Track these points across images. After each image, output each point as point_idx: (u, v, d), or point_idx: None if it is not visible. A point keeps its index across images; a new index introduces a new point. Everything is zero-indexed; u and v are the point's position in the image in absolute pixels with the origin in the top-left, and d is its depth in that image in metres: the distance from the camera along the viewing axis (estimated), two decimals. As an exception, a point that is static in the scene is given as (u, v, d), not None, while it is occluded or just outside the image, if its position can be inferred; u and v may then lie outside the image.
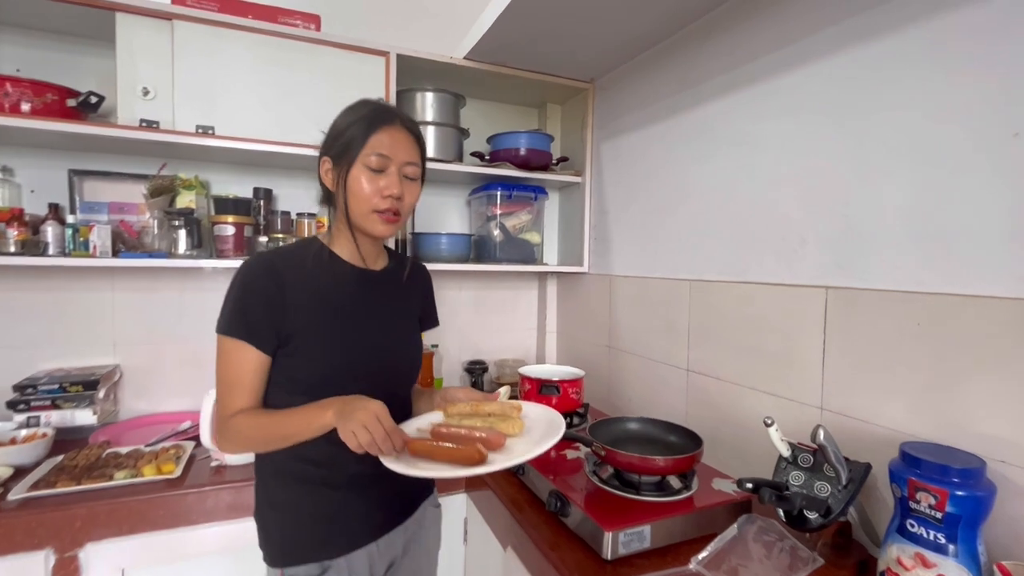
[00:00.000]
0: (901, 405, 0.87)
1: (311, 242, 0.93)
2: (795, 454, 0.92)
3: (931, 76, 0.83)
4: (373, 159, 0.85)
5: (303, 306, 0.85)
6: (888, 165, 0.89)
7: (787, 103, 1.07)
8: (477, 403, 0.95)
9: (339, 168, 0.87)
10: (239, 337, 0.82)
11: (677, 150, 1.39)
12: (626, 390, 1.59)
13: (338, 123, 0.89)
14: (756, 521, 0.88)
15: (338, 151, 0.87)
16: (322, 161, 0.90)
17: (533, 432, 0.88)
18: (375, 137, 0.85)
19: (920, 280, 0.84)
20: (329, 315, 0.88)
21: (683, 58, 1.36)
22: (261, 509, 0.92)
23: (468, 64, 1.57)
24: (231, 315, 0.83)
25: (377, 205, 0.86)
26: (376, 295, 0.95)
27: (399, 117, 0.89)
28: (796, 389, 1.05)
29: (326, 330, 0.87)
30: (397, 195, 0.86)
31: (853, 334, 0.94)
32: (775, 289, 1.10)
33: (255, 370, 0.84)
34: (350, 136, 0.85)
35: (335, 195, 0.89)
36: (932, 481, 0.72)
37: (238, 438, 0.83)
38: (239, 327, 0.83)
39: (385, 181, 0.86)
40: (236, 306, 0.83)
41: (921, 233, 0.85)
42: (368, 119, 0.86)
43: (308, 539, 0.88)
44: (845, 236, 0.96)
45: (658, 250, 1.46)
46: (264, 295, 0.83)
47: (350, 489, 0.89)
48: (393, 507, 0.96)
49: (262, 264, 0.86)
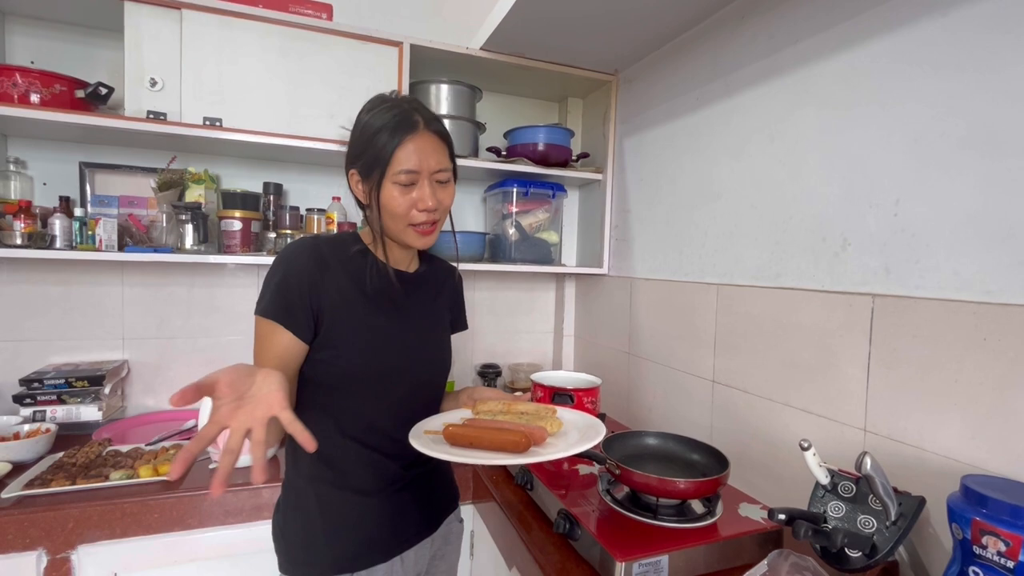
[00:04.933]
0: (960, 431, 0.76)
1: (351, 236, 0.91)
2: (835, 482, 0.82)
3: (1001, 52, 0.72)
4: (402, 176, 0.81)
5: (342, 297, 0.83)
6: (950, 157, 0.78)
7: (831, 90, 0.97)
8: (510, 402, 0.92)
9: (368, 183, 0.83)
10: (276, 320, 0.78)
11: (706, 144, 1.29)
12: (646, 400, 1.50)
13: (360, 133, 0.84)
14: (789, 557, 0.78)
15: (365, 166, 0.83)
16: (350, 174, 0.87)
17: (569, 436, 0.85)
18: (400, 152, 0.80)
19: (988, 289, 0.73)
20: (366, 311, 0.85)
21: (715, 45, 1.26)
22: (284, 513, 0.88)
23: (484, 55, 1.50)
24: (271, 296, 0.80)
25: (413, 219, 0.83)
26: (411, 297, 0.93)
27: (422, 120, 0.82)
28: (836, 408, 0.94)
29: (361, 325, 0.84)
30: (432, 208, 0.83)
31: (904, 348, 0.84)
32: (813, 296, 0.99)
33: (288, 356, 0.80)
34: (375, 151, 0.81)
35: (369, 208, 0.86)
36: (1003, 524, 0.62)
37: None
38: (278, 309, 0.79)
39: (418, 193, 0.82)
40: (276, 287, 0.80)
41: (990, 235, 0.74)
42: (391, 131, 0.80)
43: (333, 548, 0.84)
44: (896, 238, 0.86)
45: (683, 252, 1.37)
46: (307, 278, 0.80)
47: (381, 496, 0.87)
48: (421, 519, 0.93)
49: (307, 247, 0.84)
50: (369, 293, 0.86)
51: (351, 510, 0.85)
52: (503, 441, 0.77)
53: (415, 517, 0.91)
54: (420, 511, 0.92)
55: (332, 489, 0.85)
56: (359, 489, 0.86)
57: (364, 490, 0.86)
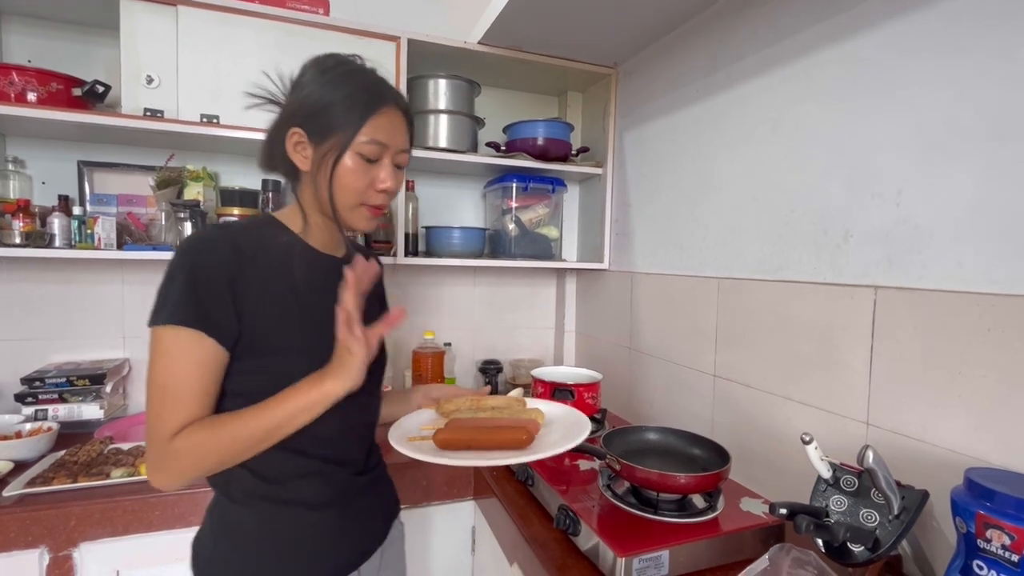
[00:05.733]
0: (963, 423, 0.75)
1: (267, 220, 0.79)
2: (837, 475, 0.82)
3: (1007, 37, 0.71)
4: (371, 148, 0.72)
5: (269, 293, 0.71)
6: (954, 146, 0.77)
7: (833, 80, 0.96)
8: (477, 398, 0.89)
9: (321, 149, 0.73)
10: (192, 326, 0.65)
11: (706, 137, 1.28)
12: (648, 395, 1.49)
13: (318, 89, 0.73)
14: (791, 551, 0.77)
15: (320, 129, 0.72)
16: (291, 133, 0.73)
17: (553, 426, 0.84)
18: (374, 121, 0.72)
19: (993, 279, 0.72)
20: (300, 307, 0.74)
21: (715, 35, 1.25)
22: (214, 544, 0.75)
23: (483, 49, 1.49)
24: (180, 299, 0.65)
25: (369, 199, 0.75)
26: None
27: (395, 96, 0.77)
28: (838, 401, 0.93)
29: (297, 325, 0.73)
30: (394, 190, 0.76)
31: (907, 340, 0.83)
32: (815, 288, 0.98)
33: (210, 370, 0.67)
34: (340, 114, 0.71)
35: (314, 180, 0.75)
36: (1008, 517, 0.61)
37: (191, 457, 0.65)
38: (192, 314, 0.65)
39: (382, 173, 0.75)
40: (186, 288, 0.65)
41: (994, 224, 0.72)
42: (365, 98, 0.72)
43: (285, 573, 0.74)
44: (898, 229, 0.85)
45: (684, 245, 1.36)
46: (224, 273, 0.67)
47: (338, 507, 0.78)
48: (377, 527, 0.86)
49: (218, 237, 0.70)
50: (301, 287, 0.74)
51: (304, 527, 0.75)
52: (504, 439, 0.76)
53: (372, 526, 0.85)
54: (375, 519, 0.86)
55: (279, 507, 0.73)
56: (312, 503, 0.75)
57: (317, 503, 0.75)
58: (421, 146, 1.52)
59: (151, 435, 0.66)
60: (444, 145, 1.53)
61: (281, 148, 0.75)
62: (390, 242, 1.55)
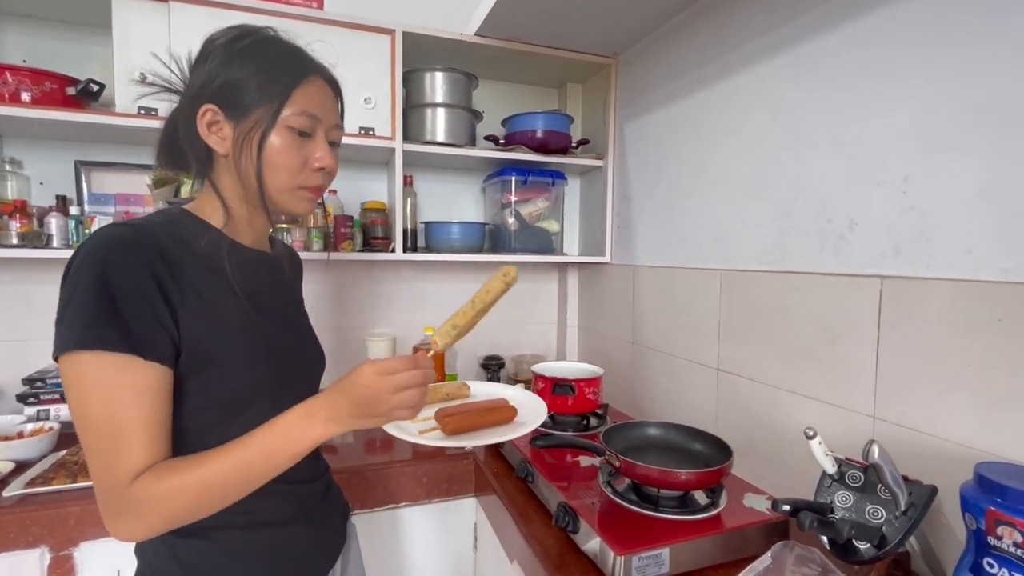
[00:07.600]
0: (973, 416, 0.73)
1: (184, 215, 0.67)
2: (842, 471, 0.80)
3: (1015, 16, 0.68)
4: (302, 120, 0.64)
5: (205, 300, 0.62)
6: (962, 132, 0.74)
7: (835, 65, 0.93)
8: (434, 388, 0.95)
9: (242, 127, 0.63)
10: (125, 350, 0.54)
11: (707, 127, 1.25)
12: (650, 390, 1.47)
13: (232, 63, 0.63)
14: (795, 548, 0.76)
15: (238, 103, 0.63)
16: (203, 112, 0.63)
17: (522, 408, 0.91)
18: (301, 91, 0.64)
19: (1004, 268, 0.69)
20: (241, 311, 0.66)
21: (714, 23, 1.22)
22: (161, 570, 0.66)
23: (479, 41, 1.47)
24: (100, 318, 0.53)
25: (306, 181, 0.67)
26: (277, 287, 0.77)
27: (320, 66, 0.69)
28: (844, 394, 0.91)
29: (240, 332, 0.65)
30: (333, 168, 0.69)
31: (914, 331, 0.80)
32: (819, 279, 0.96)
33: (157, 398, 0.56)
34: (263, 85, 0.63)
35: (237, 163, 0.65)
36: (1019, 514, 0.59)
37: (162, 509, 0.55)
38: (118, 334, 0.54)
39: (318, 150, 0.67)
40: (105, 303, 0.54)
41: (1004, 210, 0.70)
42: (288, 66, 0.65)
43: None
44: (904, 217, 0.82)
45: (686, 238, 1.33)
46: (151, 281, 0.57)
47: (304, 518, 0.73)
48: (339, 531, 0.83)
49: (135, 241, 0.58)
50: (236, 289, 0.66)
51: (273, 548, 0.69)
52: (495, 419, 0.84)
53: (334, 529, 0.81)
54: (335, 521, 0.82)
55: (241, 532, 0.66)
56: (276, 521, 0.69)
57: (281, 520, 0.70)
58: (418, 140, 1.50)
59: (100, 484, 0.55)
60: (442, 139, 1.51)
61: (191, 131, 0.65)
62: (388, 238, 1.54)
